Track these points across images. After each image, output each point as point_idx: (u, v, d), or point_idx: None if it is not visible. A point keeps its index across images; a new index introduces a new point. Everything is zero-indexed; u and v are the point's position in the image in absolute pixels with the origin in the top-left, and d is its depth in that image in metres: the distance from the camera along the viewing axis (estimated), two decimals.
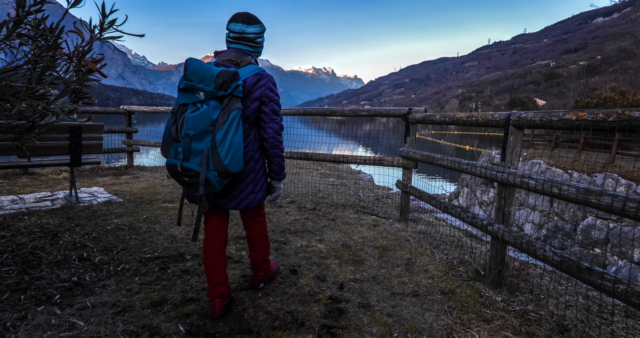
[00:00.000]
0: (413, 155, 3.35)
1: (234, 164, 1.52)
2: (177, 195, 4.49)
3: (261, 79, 1.67)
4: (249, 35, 1.72)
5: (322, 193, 5.04)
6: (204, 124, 1.48)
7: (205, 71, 1.51)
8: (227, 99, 1.53)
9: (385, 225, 3.58)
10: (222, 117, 1.50)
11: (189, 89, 1.53)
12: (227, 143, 1.49)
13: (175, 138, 1.54)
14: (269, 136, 1.73)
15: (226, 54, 1.72)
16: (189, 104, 1.54)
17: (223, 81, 1.49)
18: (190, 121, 1.49)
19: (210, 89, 1.49)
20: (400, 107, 3.57)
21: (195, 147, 1.49)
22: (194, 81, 1.51)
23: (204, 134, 1.49)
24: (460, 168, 2.52)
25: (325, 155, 4.10)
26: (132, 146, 6.32)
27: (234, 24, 1.71)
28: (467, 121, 2.52)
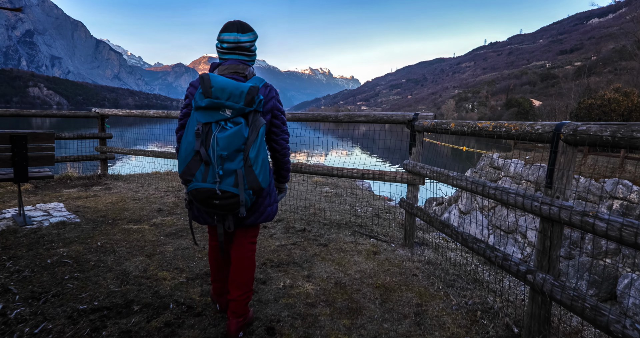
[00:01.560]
0: (420, 170, 2.79)
1: (266, 180, 1.52)
2: (147, 213, 3.91)
3: (271, 91, 1.65)
4: (244, 44, 1.65)
5: (315, 207, 4.48)
6: (237, 143, 1.43)
7: (234, 87, 1.45)
8: (251, 115, 1.48)
9: (387, 251, 3.02)
10: (252, 134, 1.46)
11: (214, 107, 1.45)
12: (260, 160, 1.47)
13: (207, 159, 1.43)
14: (282, 147, 1.76)
15: (229, 66, 1.63)
16: (212, 122, 1.45)
17: (252, 97, 1.45)
18: (222, 140, 1.42)
19: (240, 107, 1.44)
20: (405, 113, 3.01)
21: (227, 167, 1.43)
22: (221, 98, 1.44)
23: (236, 154, 1.44)
24: (485, 192, 1.96)
25: (317, 167, 3.54)
26: (106, 153, 5.72)
27: (228, 33, 1.62)
28: (494, 132, 1.97)
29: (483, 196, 1.94)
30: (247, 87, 1.47)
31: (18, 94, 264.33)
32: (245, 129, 1.45)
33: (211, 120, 1.45)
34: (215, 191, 1.43)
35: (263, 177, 1.49)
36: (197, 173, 1.46)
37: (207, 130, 1.45)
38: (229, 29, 1.63)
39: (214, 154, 1.43)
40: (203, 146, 1.44)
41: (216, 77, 1.47)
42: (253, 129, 1.47)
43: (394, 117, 3.04)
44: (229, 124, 1.45)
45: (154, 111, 4.93)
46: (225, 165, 1.43)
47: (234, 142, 1.42)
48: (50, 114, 5.29)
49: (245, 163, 1.45)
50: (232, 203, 1.45)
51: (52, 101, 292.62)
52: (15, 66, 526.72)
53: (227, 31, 1.63)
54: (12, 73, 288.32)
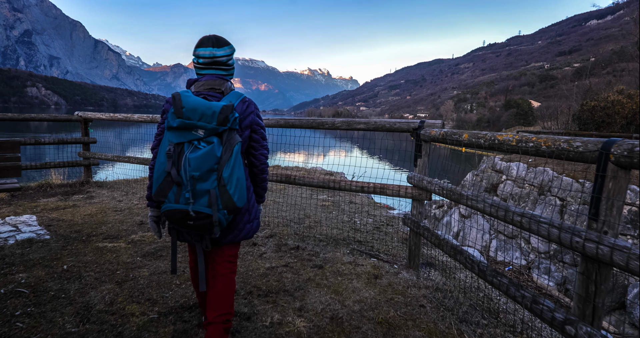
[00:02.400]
0: (427, 185, 2.48)
1: (241, 199, 1.48)
2: (127, 227, 3.58)
3: (249, 106, 1.61)
4: (220, 59, 1.62)
5: (310, 219, 4.16)
6: (210, 163, 1.40)
7: (205, 107, 1.42)
8: (226, 133, 1.45)
9: (390, 274, 2.70)
10: (225, 153, 1.43)
11: (186, 128, 1.42)
12: (235, 179, 1.44)
13: (178, 181, 1.40)
14: (261, 163, 1.70)
15: (205, 82, 1.60)
16: (184, 142, 1.42)
17: (225, 116, 1.42)
18: (194, 161, 1.39)
19: (213, 127, 1.41)
20: (409, 120, 2.70)
21: (200, 188, 1.40)
22: (193, 119, 1.41)
23: (209, 174, 1.40)
24: (507, 218, 1.65)
25: (312, 179, 3.22)
26: (89, 159, 5.39)
27: (203, 49, 1.60)
28: (519, 147, 1.66)
29: (505, 223, 1.63)
30: (220, 107, 1.43)
31: (16, 94, 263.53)
32: (218, 148, 1.41)
33: (183, 140, 1.42)
34: (188, 212, 1.39)
35: (239, 196, 1.46)
36: (169, 194, 1.42)
37: (179, 150, 1.43)
38: (204, 44, 1.60)
39: (185, 175, 1.39)
40: (174, 167, 1.41)
41: (188, 97, 1.44)
42: (227, 148, 1.44)
43: (397, 126, 2.73)
44: (202, 144, 1.42)
45: (138, 115, 4.60)
46: (198, 186, 1.40)
47: (206, 162, 1.39)
48: (29, 118, 4.96)
49: (219, 182, 1.41)
50: (205, 223, 1.42)
51: (50, 101, 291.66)
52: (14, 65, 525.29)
53: (202, 46, 1.60)
54: (10, 73, 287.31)
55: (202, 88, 1.58)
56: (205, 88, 1.59)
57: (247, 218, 1.66)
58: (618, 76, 56.47)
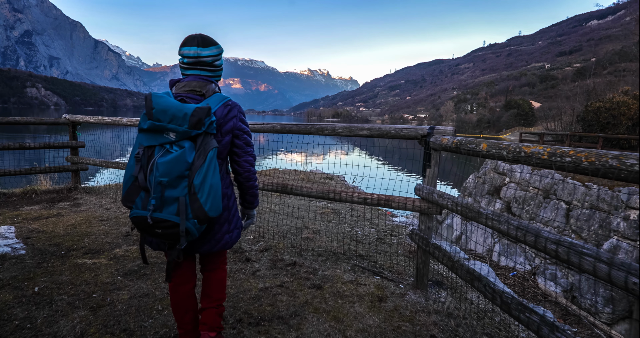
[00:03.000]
0: (438, 199, 2.22)
1: (215, 209, 1.38)
2: (111, 240, 3.33)
3: (232, 110, 1.53)
4: (205, 59, 1.54)
5: (309, 229, 3.91)
6: (180, 169, 1.31)
7: (176, 109, 1.33)
8: (200, 138, 1.37)
9: (395, 296, 2.45)
10: (198, 159, 1.34)
11: (156, 130, 1.34)
12: (207, 187, 1.34)
13: (145, 186, 1.33)
14: (245, 170, 1.62)
15: (186, 83, 1.52)
16: (156, 146, 1.34)
17: (198, 119, 1.33)
18: (162, 166, 1.30)
19: (184, 130, 1.33)
20: (418, 127, 2.45)
21: (169, 195, 1.31)
22: (163, 121, 1.32)
23: (179, 180, 1.32)
24: (539, 244, 1.39)
25: (310, 189, 2.96)
26: (77, 165, 5.14)
27: (187, 48, 1.52)
28: (552, 161, 1.41)
29: (537, 250, 1.37)
30: (192, 108, 1.35)
31: (16, 94, 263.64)
32: (189, 153, 1.33)
33: (154, 143, 1.35)
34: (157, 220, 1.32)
35: (211, 205, 1.36)
36: (137, 199, 1.36)
37: (149, 154, 1.35)
38: (188, 43, 1.52)
39: (154, 181, 1.32)
40: (142, 172, 1.34)
41: (159, 98, 1.36)
42: (200, 153, 1.36)
43: (403, 132, 2.47)
44: (175, 148, 1.34)
45: (127, 119, 4.36)
46: (167, 192, 1.32)
47: (176, 168, 1.31)
48: (13, 122, 4.72)
49: (190, 190, 1.33)
50: (174, 232, 1.34)
51: (50, 101, 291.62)
52: (14, 66, 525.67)
53: (186, 45, 1.52)
54: (10, 73, 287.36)
55: (182, 89, 1.51)
56: (185, 90, 1.51)
57: (226, 228, 1.59)
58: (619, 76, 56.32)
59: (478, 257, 8.19)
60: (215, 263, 1.72)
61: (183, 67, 1.57)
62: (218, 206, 1.40)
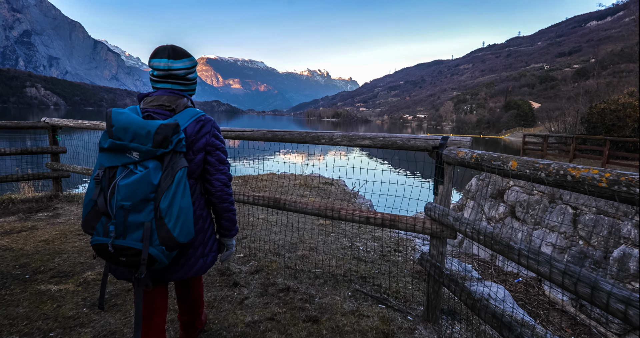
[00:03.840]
0: (454, 224, 1.89)
1: (185, 234, 1.26)
2: (85, 259, 2.99)
3: (204, 126, 1.42)
4: (177, 72, 1.44)
5: (305, 244, 3.58)
6: (144, 191, 1.20)
7: (138, 126, 1.22)
8: (168, 157, 1.26)
9: (404, 331, 2.12)
10: (165, 180, 1.23)
11: (117, 149, 1.23)
12: (175, 210, 1.23)
13: (105, 211, 1.20)
14: (217, 190, 1.48)
15: (155, 97, 1.42)
16: (118, 166, 1.23)
17: (164, 137, 1.22)
18: (124, 189, 1.19)
19: (148, 149, 1.22)
20: (428, 137, 2.12)
21: (133, 220, 1.19)
22: (124, 139, 1.22)
23: (143, 204, 1.20)
24: (599, 299, 1.07)
25: (305, 205, 2.63)
26: (58, 171, 4.81)
27: (157, 60, 1.42)
28: (614, 191, 1.08)
29: (596, 306, 1.05)
30: (156, 126, 1.24)
31: (15, 94, 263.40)
32: (154, 174, 1.23)
33: (116, 164, 1.24)
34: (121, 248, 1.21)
35: (181, 230, 1.25)
36: (97, 225, 1.24)
37: (110, 175, 1.23)
38: (159, 54, 1.43)
39: (115, 204, 1.20)
40: (102, 195, 1.22)
41: (119, 114, 1.25)
42: (167, 173, 1.25)
43: (411, 143, 2.15)
44: (139, 168, 1.23)
45: None
46: (131, 217, 1.20)
47: (139, 190, 1.20)
48: None
49: (156, 214, 1.22)
50: (139, 260, 1.22)
51: (50, 101, 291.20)
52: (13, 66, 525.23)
53: (156, 57, 1.44)
54: (9, 73, 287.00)
55: (150, 105, 1.41)
56: (153, 105, 1.41)
57: (200, 252, 1.48)
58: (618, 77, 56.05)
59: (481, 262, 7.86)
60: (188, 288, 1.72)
61: (153, 80, 1.48)
62: (189, 231, 1.29)
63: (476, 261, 8.02)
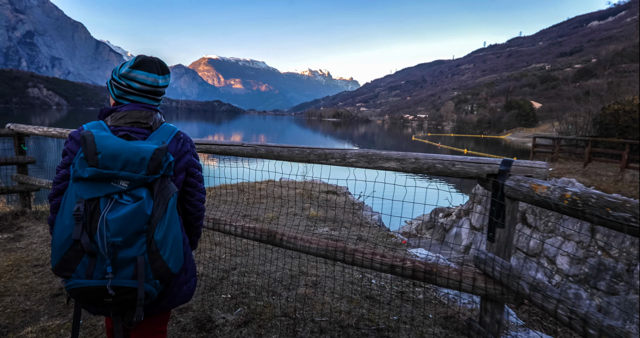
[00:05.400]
0: (520, 287, 1.28)
1: (178, 262, 1.16)
2: (34, 304, 2.39)
3: (184, 144, 1.30)
4: (161, 89, 1.30)
5: (307, 278, 2.97)
6: (137, 224, 1.05)
7: (131, 153, 1.07)
8: (157, 183, 1.13)
9: None
10: (158, 209, 1.10)
11: (102, 179, 1.06)
12: (170, 240, 1.12)
13: (91, 250, 1.03)
14: (197, 210, 1.39)
15: (126, 113, 1.23)
16: (100, 197, 1.06)
17: (158, 162, 1.10)
18: (114, 224, 1.03)
19: (141, 177, 1.08)
20: (480, 160, 1.52)
21: (124, 256, 1.05)
22: (113, 168, 1.05)
23: (135, 238, 1.06)
24: None
25: (308, 243, 2.02)
26: (25, 185, 4.21)
27: (145, 73, 1.25)
28: None
29: None
30: (151, 151, 1.09)
31: (17, 94, 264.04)
32: (148, 204, 1.07)
33: (99, 195, 1.05)
34: (106, 290, 1.04)
35: (175, 260, 1.13)
36: (78, 266, 1.05)
37: (92, 208, 1.05)
38: (147, 68, 1.24)
39: (103, 242, 1.02)
40: (86, 232, 1.04)
41: (104, 139, 1.07)
42: (159, 201, 1.10)
43: (455, 168, 1.55)
44: (125, 198, 1.06)
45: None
46: (121, 253, 1.04)
47: (132, 223, 1.04)
48: None
49: (149, 247, 1.07)
50: (130, 299, 1.07)
51: (52, 101, 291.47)
52: (16, 66, 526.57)
53: (144, 70, 1.24)
54: (12, 74, 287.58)
55: (122, 121, 1.21)
56: (127, 122, 1.22)
57: (183, 278, 1.32)
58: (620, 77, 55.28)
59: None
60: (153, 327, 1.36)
61: (127, 91, 1.26)
62: (180, 258, 1.18)
63: None
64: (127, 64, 1.26)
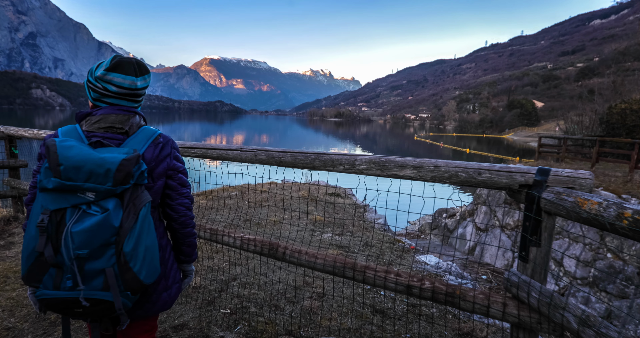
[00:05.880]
0: (565, 319, 1.10)
1: (152, 274, 1.12)
2: (15, 322, 2.22)
3: (164, 148, 1.24)
4: (140, 91, 1.23)
5: (312, 290, 2.79)
6: (104, 236, 1.01)
7: (94, 164, 1.01)
8: (128, 193, 1.07)
9: None
10: (127, 220, 1.04)
11: (67, 190, 1.01)
12: (142, 252, 1.06)
13: (55, 262, 1.00)
14: (180, 216, 1.32)
15: (102, 117, 1.17)
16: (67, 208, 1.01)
17: (126, 173, 1.03)
18: (79, 236, 0.98)
19: (107, 188, 1.02)
20: (511, 168, 1.34)
21: (91, 268, 1.01)
22: (76, 180, 1.00)
23: (103, 250, 1.01)
24: None
25: (313, 258, 1.84)
26: (17, 189, 4.05)
27: (122, 76, 1.17)
28: None
29: None
30: (117, 162, 1.03)
31: (21, 95, 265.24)
32: (115, 216, 1.02)
33: (65, 205, 1.01)
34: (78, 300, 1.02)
35: (148, 271, 1.09)
36: (45, 277, 1.02)
37: (58, 219, 1.01)
38: (124, 70, 1.16)
39: (68, 254, 0.99)
40: (50, 244, 1.00)
41: (68, 149, 1.01)
42: (129, 212, 1.05)
43: (482, 177, 1.36)
44: (94, 208, 1.02)
45: None
46: (88, 265, 1.01)
47: (98, 236, 1.00)
48: None
49: (119, 259, 1.03)
50: (102, 309, 1.05)
51: (55, 102, 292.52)
52: (19, 67, 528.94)
53: (120, 72, 1.16)
54: (15, 75, 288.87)
55: (96, 126, 1.16)
56: (102, 127, 1.16)
57: (163, 285, 1.28)
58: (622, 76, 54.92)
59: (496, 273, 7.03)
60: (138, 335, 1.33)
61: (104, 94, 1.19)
62: (155, 269, 1.13)
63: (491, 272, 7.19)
64: (103, 65, 1.18)
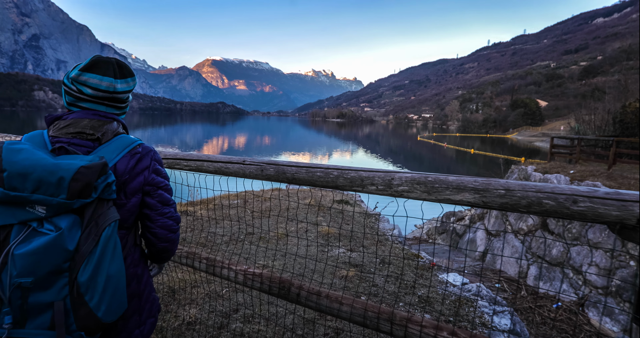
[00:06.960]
0: None
1: (115, 310, 0.93)
2: None
3: (142, 160, 1.07)
4: (120, 96, 1.09)
5: (327, 324, 2.39)
6: (54, 261, 0.83)
7: (45, 171, 0.84)
8: (90, 209, 0.89)
9: None
10: (86, 242, 0.87)
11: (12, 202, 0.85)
12: (101, 282, 0.88)
13: None
14: (162, 241, 1.14)
15: (72, 121, 1.03)
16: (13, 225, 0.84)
17: (85, 184, 0.86)
18: (22, 260, 0.81)
19: (60, 201, 0.84)
20: (620, 194, 0.94)
21: (36, 300, 0.83)
22: (22, 190, 0.83)
23: (52, 278, 0.84)
24: None
25: (337, 304, 1.45)
26: None
27: (98, 77, 1.03)
28: None
29: None
30: (73, 169, 0.85)
31: (23, 97, 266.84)
32: (70, 237, 0.85)
33: (11, 221, 0.84)
34: None
35: (108, 307, 0.90)
36: None
37: (1, 238, 0.84)
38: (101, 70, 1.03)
39: (8, 282, 0.81)
40: None
41: (15, 153, 0.85)
42: (90, 233, 0.88)
43: (578, 207, 0.97)
44: (47, 227, 0.85)
45: None
46: (33, 298, 0.83)
47: (46, 261, 0.83)
48: None
49: (72, 290, 0.85)
50: None
51: (58, 104, 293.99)
52: (22, 69, 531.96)
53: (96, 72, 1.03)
54: (18, 77, 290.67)
55: (63, 131, 1.01)
56: (70, 132, 1.01)
57: (135, 322, 1.12)
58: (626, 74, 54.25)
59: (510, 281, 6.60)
60: None
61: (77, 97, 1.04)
62: (120, 303, 0.94)
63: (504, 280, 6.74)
64: (80, 65, 1.04)
